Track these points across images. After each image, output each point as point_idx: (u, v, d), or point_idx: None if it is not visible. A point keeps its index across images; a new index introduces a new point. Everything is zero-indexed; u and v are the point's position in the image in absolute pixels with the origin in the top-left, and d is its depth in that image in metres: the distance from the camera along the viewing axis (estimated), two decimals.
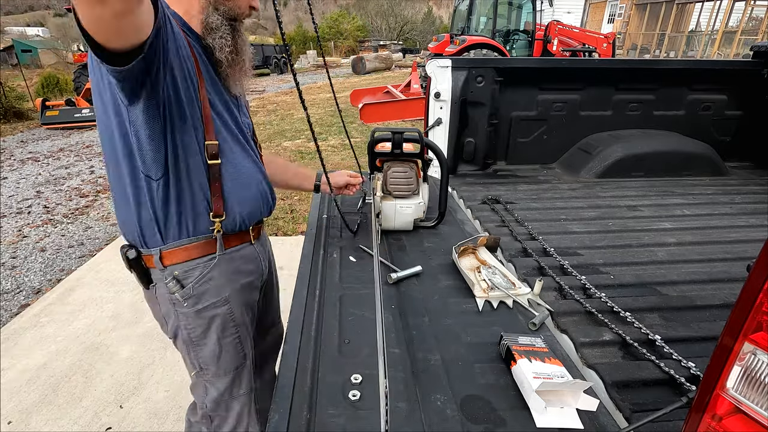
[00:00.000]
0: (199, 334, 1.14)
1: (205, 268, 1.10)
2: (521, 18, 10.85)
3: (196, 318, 1.13)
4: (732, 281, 1.24)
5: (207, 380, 1.20)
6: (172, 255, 1.07)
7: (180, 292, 1.08)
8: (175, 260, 1.07)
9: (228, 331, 1.17)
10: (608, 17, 23.68)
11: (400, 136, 1.43)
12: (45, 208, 4.91)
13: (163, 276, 1.08)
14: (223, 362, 1.18)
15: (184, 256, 1.08)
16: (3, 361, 2.44)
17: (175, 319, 1.13)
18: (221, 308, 1.14)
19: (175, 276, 1.08)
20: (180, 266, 1.08)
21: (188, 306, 1.11)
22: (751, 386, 0.51)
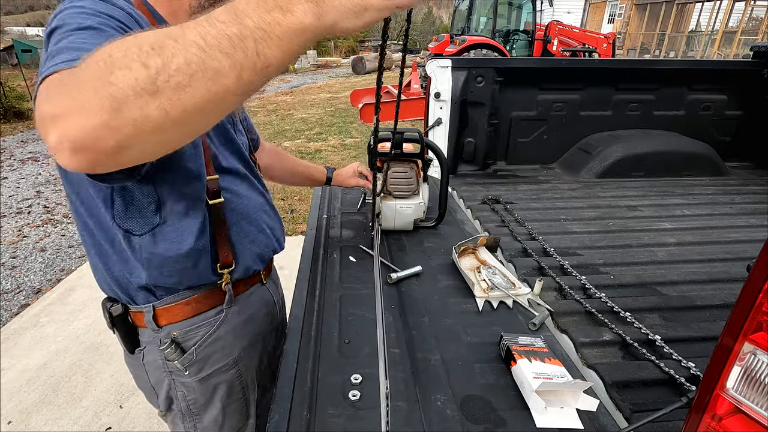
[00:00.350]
0: (201, 404, 0.97)
1: (212, 326, 0.92)
2: (521, 18, 10.85)
3: (199, 387, 0.94)
4: (732, 281, 1.24)
5: None
6: (169, 312, 0.87)
7: (180, 359, 0.89)
8: (173, 319, 0.88)
9: (234, 397, 1.01)
10: (608, 17, 23.68)
11: (400, 136, 1.43)
12: (45, 208, 4.91)
13: (157, 338, 0.89)
14: (226, 428, 1.02)
15: (186, 313, 0.89)
16: (3, 361, 2.44)
17: (170, 389, 0.94)
18: (229, 372, 0.97)
19: (174, 338, 0.88)
20: (180, 325, 0.89)
21: (190, 375, 0.92)
22: (751, 386, 0.51)
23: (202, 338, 0.91)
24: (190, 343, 0.90)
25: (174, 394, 0.95)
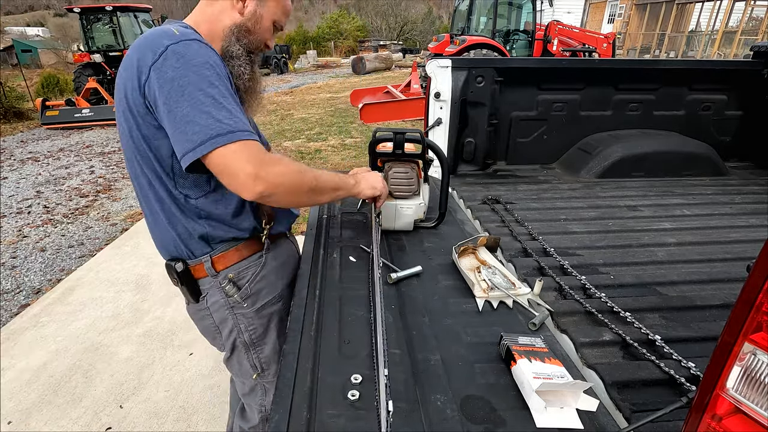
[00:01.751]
0: (260, 333, 1.18)
1: (257, 267, 1.16)
2: (521, 18, 10.85)
3: (257, 317, 1.16)
4: (732, 281, 1.24)
5: (267, 381, 1.23)
6: (223, 258, 1.11)
7: (238, 293, 1.12)
8: (227, 263, 1.11)
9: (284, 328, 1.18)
10: (608, 17, 23.68)
11: (401, 137, 1.43)
12: (45, 208, 4.91)
13: (217, 281, 1.11)
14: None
15: (236, 257, 1.12)
16: (3, 361, 2.44)
17: (234, 323, 1.15)
18: (277, 305, 1.20)
19: (230, 278, 1.11)
20: (232, 268, 1.12)
21: (248, 306, 1.15)
22: (751, 386, 0.51)
23: (252, 276, 1.15)
24: (243, 281, 1.14)
25: (237, 327, 1.16)
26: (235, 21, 1.05)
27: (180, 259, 1.10)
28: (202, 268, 1.10)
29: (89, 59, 10.64)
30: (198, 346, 2.50)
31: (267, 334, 1.19)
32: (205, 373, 2.30)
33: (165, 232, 1.08)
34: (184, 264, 1.10)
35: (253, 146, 0.90)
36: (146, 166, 1.00)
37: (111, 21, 10.76)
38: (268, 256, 1.18)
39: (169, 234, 1.08)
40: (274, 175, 0.92)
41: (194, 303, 1.16)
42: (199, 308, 1.17)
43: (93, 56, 10.57)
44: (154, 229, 1.11)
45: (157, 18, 12.22)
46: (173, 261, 1.10)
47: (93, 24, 10.88)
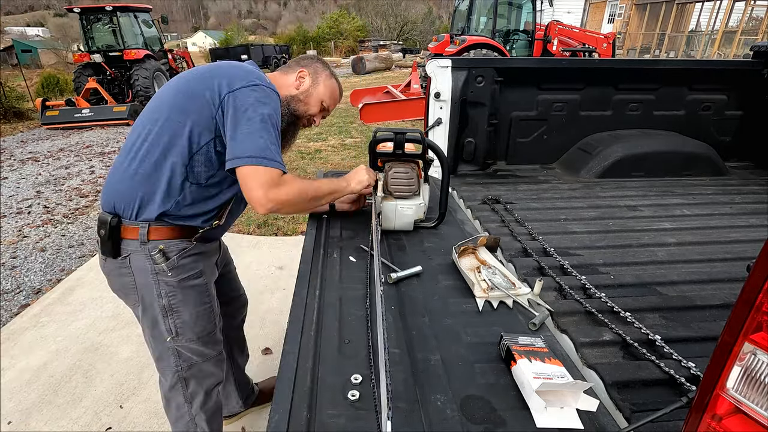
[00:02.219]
0: (179, 300, 1.30)
1: (186, 245, 1.29)
2: (521, 18, 10.85)
3: (178, 287, 1.29)
4: (732, 281, 1.24)
5: (180, 345, 1.34)
6: (158, 231, 1.24)
7: (166, 263, 1.25)
8: (160, 237, 1.24)
9: (203, 299, 1.35)
10: (608, 17, 23.68)
11: (402, 137, 1.43)
12: (45, 208, 4.91)
13: (145, 249, 1.23)
14: (198, 327, 1.35)
15: (169, 235, 1.25)
16: (3, 361, 2.44)
17: (155, 288, 1.27)
18: (198, 279, 1.33)
19: (161, 249, 1.24)
20: (165, 242, 1.25)
21: (173, 275, 1.27)
22: (751, 386, 0.51)
23: (180, 252, 1.27)
24: (172, 254, 1.26)
25: (159, 292, 1.27)
26: (291, 93, 1.40)
27: (116, 215, 1.22)
28: (135, 232, 1.22)
29: (89, 59, 10.63)
30: None
31: (185, 302, 1.31)
32: None
33: (131, 187, 1.20)
34: (118, 221, 1.21)
35: (271, 172, 1.14)
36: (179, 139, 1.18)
37: (111, 21, 10.75)
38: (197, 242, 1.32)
39: (133, 190, 1.20)
40: (282, 195, 1.17)
41: (112, 259, 1.26)
42: (119, 266, 1.27)
43: (93, 56, 10.56)
44: (123, 179, 1.21)
45: (157, 18, 12.20)
46: (110, 215, 1.22)
47: (93, 24, 10.87)
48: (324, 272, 1.25)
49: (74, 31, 24.88)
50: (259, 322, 2.64)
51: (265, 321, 2.65)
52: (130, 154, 1.22)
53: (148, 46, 11.32)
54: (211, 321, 1.40)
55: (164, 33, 13.11)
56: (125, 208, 1.21)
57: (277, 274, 3.23)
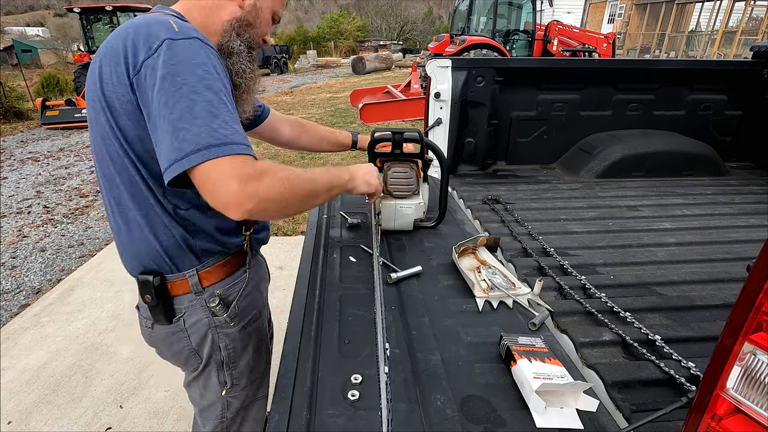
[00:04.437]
0: (239, 351, 1.10)
1: (243, 282, 1.08)
2: (521, 18, 10.86)
3: (239, 336, 1.08)
4: (732, 281, 1.24)
5: (233, 395, 1.14)
6: (210, 274, 1.01)
7: (226, 313, 1.03)
8: (213, 280, 1.02)
9: (261, 342, 1.17)
10: (608, 17, 23.68)
11: (400, 137, 1.43)
12: (45, 208, 4.91)
13: (202, 300, 1.01)
14: (254, 374, 1.17)
15: (223, 273, 1.04)
16: (3, 361, 2.44)
17: (214, 343, 1.05)
18: (258, 321, 1.14)
19: (219, 295, 1.02)
20: (220, 284, 1.03)
21: (234, 325, 1.06)
22: (751, 386, 0.51)
23: (239, 293, 1.07)
24: (231, 298, 1.05)
25: (216, 347, 1.06)
26: (234, 14, 0.96)
27: (157, 273, 0.97)
28: (186, 284, 0.99)
29: (89, 59, 10.63)
30: None
31: (245, 350, 1.12)
32: None
33: (143, 243, 0.95)
34: (162, 279, 0.98)
35: (242, 161, 0.79)
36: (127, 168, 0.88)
37: (111, 21, 10.77)
38: (250, 271, 1.11)
39: (149, 245, 0.95)
40: (264, 189, 0.80)
41: (165, 325, 1.02)
42: (173, 331, 1.03)
43: (93, 56, 10.55)
44: (128, 239, 0.97)
45: None
46: (149, 274, 0.97)
47: (93, 24, 10.89)
48: (324, 272, 1.25)
49: (74, 31, 24.89)
50: None
51: None
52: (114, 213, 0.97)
53: None
54: (265, 361, 1.23)
55: None
56: (159, 264, 0.97)
57: (277, 274, 3.23)
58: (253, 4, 0.98)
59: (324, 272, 1.25)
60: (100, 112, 0.86)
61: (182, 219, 0.95)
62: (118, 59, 0.82)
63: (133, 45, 0.81)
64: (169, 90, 0.78)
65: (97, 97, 0.86)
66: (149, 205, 0.92)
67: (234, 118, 0.83)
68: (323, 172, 1.04)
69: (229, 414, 1.16)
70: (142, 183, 0.90)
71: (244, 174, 0.78)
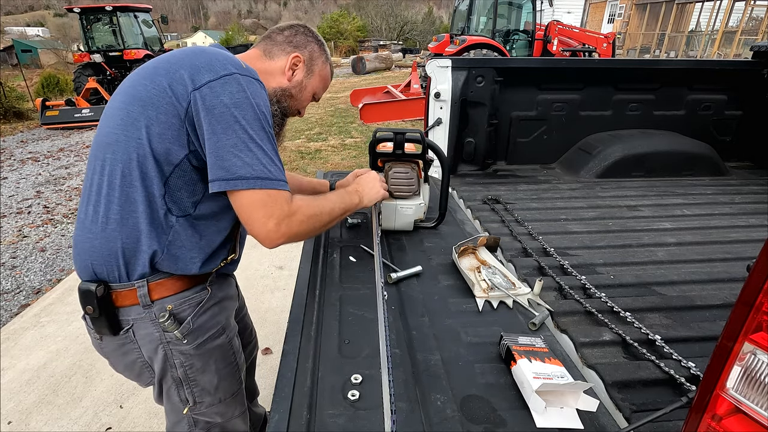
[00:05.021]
0: (197, 368, 1.05)
1: (201, 298, 1.03)
2: (521, 18, 10.86)
3: (195, 354, 1.03)
4: (732, 281, 1.24)
5: (199, 413, 1.10)
6: (161, 287, 0.96)
7: (178, 329, 0.97)
8: (165, 293, 0.97)
9: (227, 361, 1.11)
10: (608, 17, 23.67)
11: (402, 137, 1.43)
12: (45, 208, 4.91)
13: (149, 313, 0.96)
14: (221, 392, 1.11)
15: (177, 287, 0.99)
16: (3, 361, 2.44)
17: (166, 359, 1.01)
18: (220, 339, 1.08)
19: (169, 310, 0.96)
20: (172, 299, 0.98)
21: (188, 342, 1.00)
22: (751, 386, 0.51)
23: (195, 309, 1.01)
24: (184, 314, 1.00)
25: (171, 363, 1.02)
26: (281, 85, 1.10)
27: (101, 282, 0.93)
28: (133, 295, 0.94)
29: (89, 59, 10.64)
30: None
31: (205, 369, 1.06)
32: None
33: (107, 241, 0.92)
34: (106, 288, 0.93)
35: (280, 198, 0.90)
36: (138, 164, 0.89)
37: (111, 21, 10.77)
38: (213, 288, 1.06)
39: (110, 244, 0.92)
40: (294, 228, 0.94)
41: (111, 336, 0.98)
42: (121, 342, 0.99)
43: (93, 56, 10.58)
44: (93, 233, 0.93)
45: (157, 18, 12.21)
46: (93, 283, 0.92)
47: (93, 24, 10.88)
48: (324, 272, 1.25)
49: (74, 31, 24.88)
50: (260, 322, 2.64)
51: (265, 321, 2.65)
52: (91, 200, 0.93)
53: (148, 46, 11.33)
54: (237, 380, 1.16)
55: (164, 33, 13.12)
56: (109, 269, 0.93)
57: (277, 274, 3.22)
58: (299, 81, 1.12)
59: (324, 272, 1.25)
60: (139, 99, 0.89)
61: (167, 224, 0.93)
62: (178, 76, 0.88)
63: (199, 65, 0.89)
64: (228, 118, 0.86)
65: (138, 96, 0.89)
66: (139, 200, 0.90)
67: (278, 156, 0.93)
68: (338, 201, 1.14)
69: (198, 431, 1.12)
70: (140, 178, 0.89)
71: (281, 214, 0.90)
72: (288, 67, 1.10)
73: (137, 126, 0.88)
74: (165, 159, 0.89)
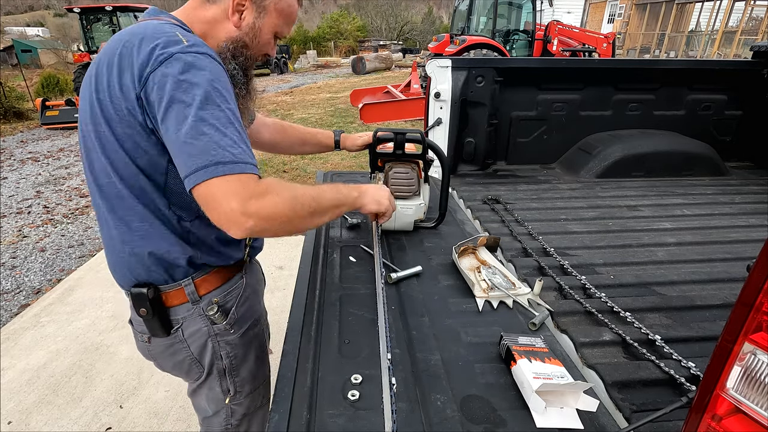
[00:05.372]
0: (240, 357, 1.09)
1: (240, 288, 1.07)
2: (521, 18, 10.86)
3: (240, 343, 1.08)
4: (732, 281, 1.24)
5: (237, 402, 1.14)
6: (206, 282, 1.00)
7: (225, 320, 1.02)
8: (210, 287, 1.01)
9: (262, 347, 1.17)
10: (608, 17, 23.68)
11: (402, 137, 1.43)
12: (45, 208, 4.91)
13: (199, 308, 1.00)
14: (257, 381, 1.17)
15: (220, 279, 1.02)
16: (3, 361, 2.44)
17: (214, 351, 1.04)
18: (257, 327, 1.14)
19: (217, 303, 1.00)
20: (217, 292, 1.02)
21: (234, 332, 1.05)
22: (751, 386, 0.51)
23: (236, 299, 1.06)
24: (229, 305, 1.05)
25: (217, 355, 1.06)
26: (230, 35, 0.93)
27: (150, 285, 0.95)
28: (182, 294, 0.97)
29: (89, 59, 10.65)
30: None
31: (247, 357, 1.11)
32: None
33: (138, 255, 0.93)
34: (156, 290, 0.95)
35: (246, 180, 0.79)
36: (126, 178, 0.87)
37: (111, 21, 10.78)
38: (247, 277, 1.11)
39: (143, 256, 0.93)
40: (265, 209, 0.80)
41: (163, 337, 1.01)
42: (170, 343, 1.01)
43: (93, 56, 10.50)
44: (121, 250, 0.94)
45: None
46: (142, 286, 0.94)
47: (93, 24, 10.90)
48: (324, 272, 1.25)
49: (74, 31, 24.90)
50: None
51: None
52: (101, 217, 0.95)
53: None
54: (267, 367, 1.23)
55: None
56: (153, 277, 0.95)
57: (277, 274, 3.22)
58: (250, 25, 0.94)
59: (324, 272, 1.25)
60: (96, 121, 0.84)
61: (185, 231, 0.94)
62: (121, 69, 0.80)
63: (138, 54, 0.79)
64: (177, 107, 0.78)
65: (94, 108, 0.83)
66: (149, 215, 0.90)
67: (242, 136, 0.82)
68: (331, 190, 1.01)
69: (233, 421, 1.16)
70: (141, 194, 0.88)
71: (246, 193, 0.78)
72: (232, 10, 0.92)
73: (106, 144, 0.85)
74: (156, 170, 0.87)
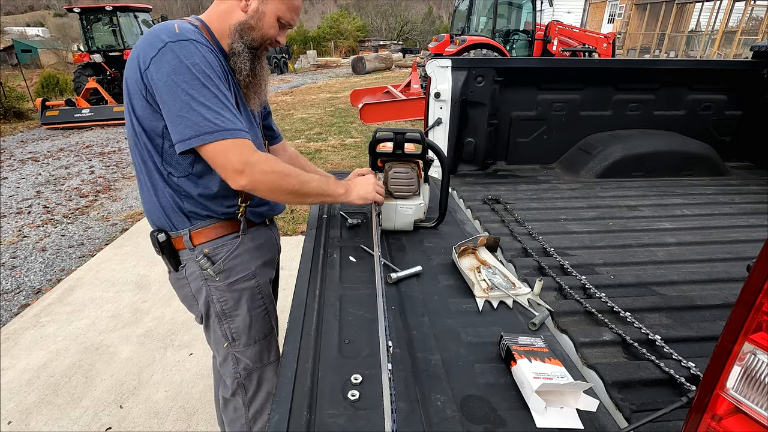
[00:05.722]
0: (231, 305, 1.27)
1: (232, 245, 1.24)
2: (521, 18, 10.86)
3: (228, 291, 1.26)
4: (732, 281, 1.24)
5: (238, 351, 1.32)
6: (200, 234, 1.21)
7: (212, 267, 1.21)
8: (203, 239, 1.21)
9: (256, 303, 1.31)
10: (608, 17, 23.67)
11: (401, 137, 1.43)
12: (45, 208, 4.91)
13: (193, 255, 1.21)
14: (254, 332, 1.32)
15: (212, 235, 1.21)
16: (3, 361, 2.44)
17: (207, 293, 1.25)
18: (249, 282, 1.29)
19: (206, 253, 1.20)
20: (209, 244, 1.21)
21: (220, 280, 1.24)
22: (751, 386, 0.51)
23: (226, 253, 1.23)
24: (217, 257, 1.23)
25: (210, 297, 1.26)
26: (239, 19, 1.12)
27: (163, 230, 1.20)
28: (181, 241, 1.20)
29: (89, 59, 10.65)
30: (198, 346, 2.50)
31: (238, 307, 1.28)
32: (205, 373, 2.29)
33: (152, 203, 1.18)
34: (166, 235, 1.20)
35: (240, 144, 1.03)
36: (141, 142, 1.11)
37: (111, 21, 10.77)
38: (245, 237, 1.27)
39: (155, 205, 1.18)
40: (258, 173, 1.05)
41: (174, 272, 1.26)
42: (178, 277, 1.27)
43: (93, 56, 10.59)
44: (145, 199, 1.21)
45: (157, 18, 12.22)
46: (157, 231, 1.20)
47: (93, 24, 10.88)
48: (324, 272, 1.25)
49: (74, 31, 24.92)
50: None
51: None
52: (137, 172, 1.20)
53: None
54: (268, 324, 1.36)
55: None
56: (162, 221, 1.20)
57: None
58: (255, 9, 1.12)
59: (324, 272, 1.25)
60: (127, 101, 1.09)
61: (175, 185, 1.15)
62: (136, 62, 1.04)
63: (145, 49, 1.02)
64: (171, 86, 0.99)
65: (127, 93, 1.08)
66: (153, 171, 1.14)
67: (226, 107, 1.04)
68: (320, 180, 1.24)
69: (242, 371, 1.34)
70: (146, 153, 1.12)
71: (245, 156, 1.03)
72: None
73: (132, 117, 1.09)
74: (155, 134, 1.09)
